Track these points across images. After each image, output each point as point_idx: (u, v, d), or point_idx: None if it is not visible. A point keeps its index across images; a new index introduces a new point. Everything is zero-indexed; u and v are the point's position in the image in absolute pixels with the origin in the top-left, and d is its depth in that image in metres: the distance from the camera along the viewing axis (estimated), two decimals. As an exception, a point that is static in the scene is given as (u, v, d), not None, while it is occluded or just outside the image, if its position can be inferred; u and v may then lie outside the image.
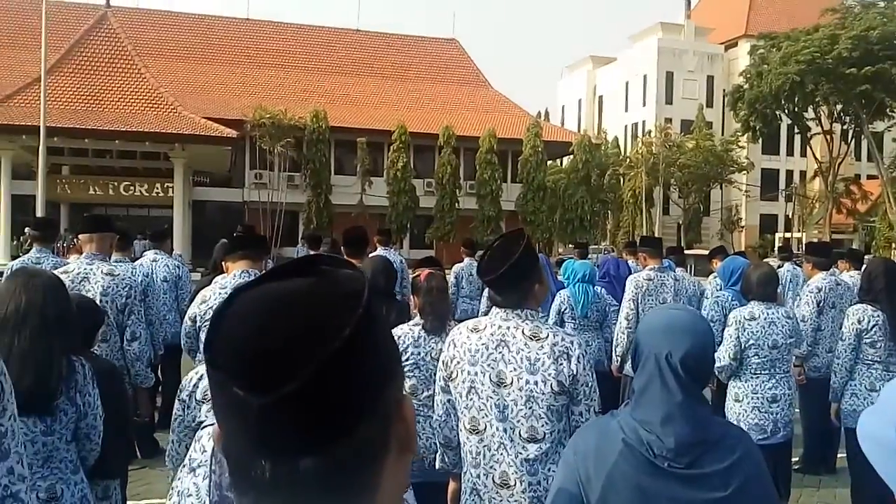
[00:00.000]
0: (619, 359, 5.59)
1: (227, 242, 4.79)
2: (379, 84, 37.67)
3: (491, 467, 2.43)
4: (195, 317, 4.07)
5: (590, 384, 2.38)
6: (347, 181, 32.65)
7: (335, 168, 33.16)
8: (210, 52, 36.61)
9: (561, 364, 2.34)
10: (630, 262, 7.96)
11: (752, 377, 4.23)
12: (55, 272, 2.98)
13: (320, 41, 39.54)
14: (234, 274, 4.16)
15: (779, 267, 8.36)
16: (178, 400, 2.51)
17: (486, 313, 6.73)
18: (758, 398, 4.20)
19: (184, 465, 1.55)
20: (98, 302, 3.82)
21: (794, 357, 5.04)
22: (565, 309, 5.70)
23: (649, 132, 44.70)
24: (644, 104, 52.79)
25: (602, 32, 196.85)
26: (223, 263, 4.48)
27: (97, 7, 29.18)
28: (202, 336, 4.15)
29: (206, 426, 1.59)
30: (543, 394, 2.35)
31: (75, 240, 6.65)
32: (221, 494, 1.31)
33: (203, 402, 2.48)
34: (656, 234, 31.68)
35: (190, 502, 1.44)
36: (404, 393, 0.75)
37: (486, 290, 7.67)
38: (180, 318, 6.77)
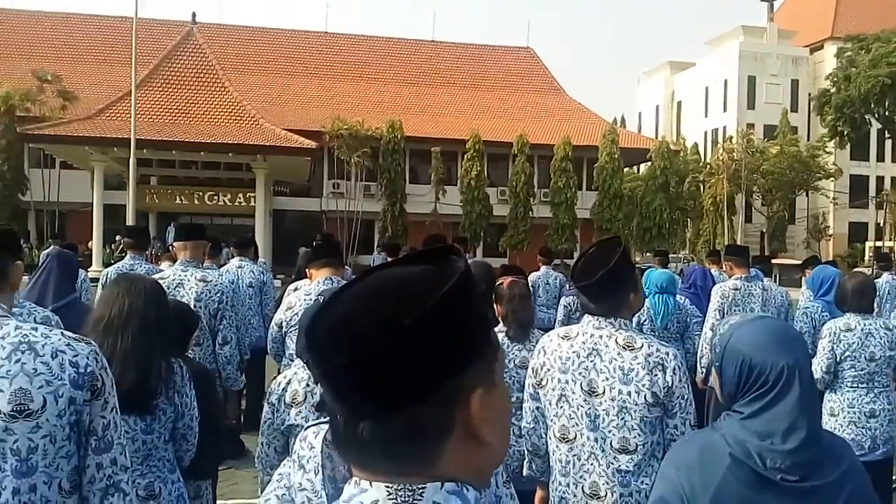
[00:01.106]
0: (703, 371, 5.43)
1: (311, 250, 4.89)
2: (453, 94, 37.90)
3: (581, 477, 2.39)
4: (281, 322, 4.17)
5: (686, 397, 2.32)
6: (422, 190, 32.94)
7: (410, 177, 33.50)
8: (290, 65, 37.61)
9: (655, 375, 2.29)
10: (713, 271, 7.74)
11: (848, 391, 4.05)
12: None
13: (396, 53, 40.09)
14: (318, 281, 4.24)
15: (876, 277, 7.96)
16: (268, 403, 2.58)
17: (563, 322, 6.66)
18: (854, 412, 4.02)
19: (292, 462, 1.59)
20: (192, 307, 3.96)
21: (893, 371, 4.80)
22: (644, 320, 5.56)
23: (730, 138, 43.45)
24: (725, 109, 51.40)
25: (680, 37, 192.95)
26: (307, 271, 4.58)
27: (184, 24, 30.37)
28: (288, 342, 4.24)
29: (310, 425, 1.63)
30: (637, 405, 2.30)
31: (171, 247, 6.90)
32: (336, 487, 1.35)
33: (292, 406, 2.54)
34: (738, 243, 30.73)
35: (304, 496, 1.49)
36: (489, 384, 0.77)
37: (563, 298, 7.59)
38: (264, 323, 6.96)
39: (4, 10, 36.72)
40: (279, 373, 7.90)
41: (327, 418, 1.77)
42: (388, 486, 0.74)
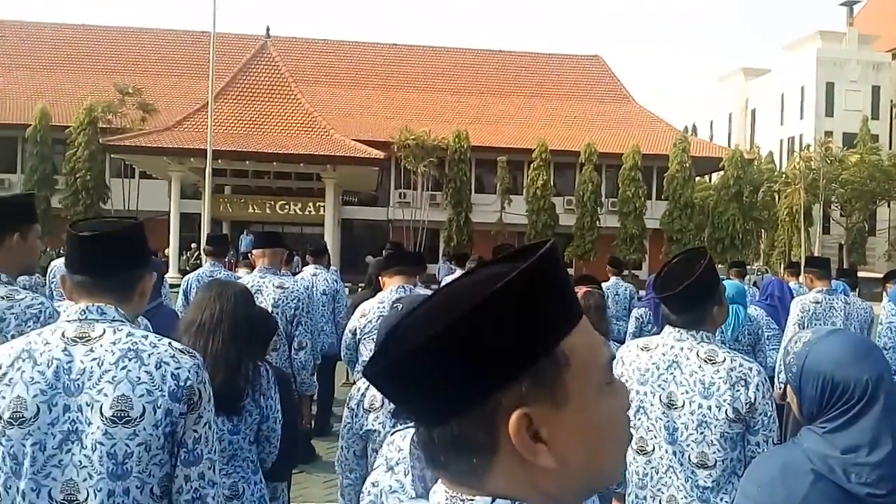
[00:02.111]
0: (781, 386, 5.27)
1: (383, 259, 4.97)
2: (520, 103, 37.86)
3: (658, 490, 2.37)
4: (355, 329, 4.25)
5: (769, 414, 2.27)
6: (487, 199, 32.97)
7: (476, 187, 33.58)
8: (360, 77, 38.24)
9: (738, 390, 2.25)
10: (792, 283, 7.51)
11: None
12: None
13: (464, 63, 40.30)
14: (391, 289, 4.31)
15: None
16: (347, 408, 2.64)
17: (634, 334, 6.57)
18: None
19: (381, 467, 1.64)
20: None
21: None
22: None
23: (808, 146, 42.03)
24: (801, 117, 49.77)
25: (754, 43, 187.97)
26: (379, 279, 4.66)
27: (258, 38, 31.25)
28: (361, 349, 4.32)
29: (397, 429, 1.67)
30: (717, 420, 2.26)
31: (250, 254, 7.09)
32: (425, 487, 1.39)
33: (370, 411, 2.60)
34: (816, 255, 29.67)
35: (395, 497, 1.53)
36: (552, 403, 0.72)
37: (635, 310, 7.48)
38: (336, 330, 7.10)
39: (89, 27, 38.48)
40: (347, 378, 8.00)
41: (407, 424, 1.82)
42: (447, 492, 0.75)
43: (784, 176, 39.99)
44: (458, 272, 9.75)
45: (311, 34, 50.13)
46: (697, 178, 35.89)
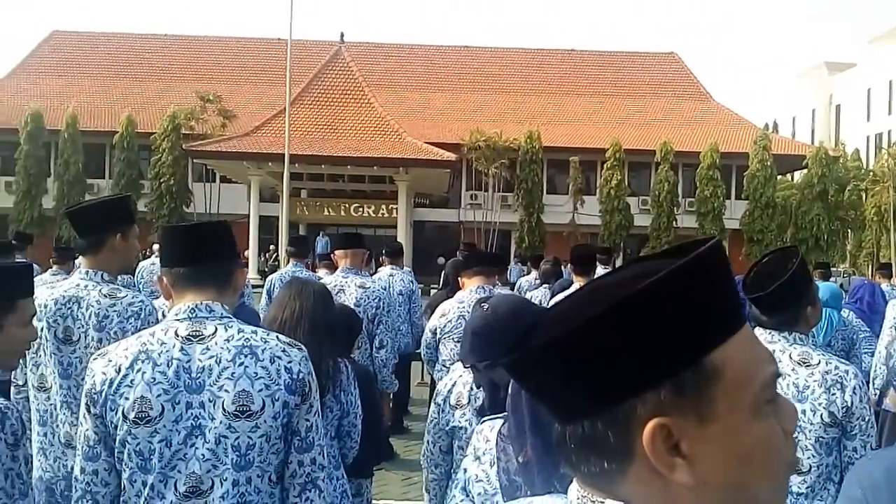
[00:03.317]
0: (877, 392, 5.04)
1: (462, 259, 5.00)
2: (593, 102, 37.40)
3: (751, 496, 2.31)
4: (435, 329, 4.30)
5: (867, 419, 2.19)
6: (559, 200, 32.69)
7: (547, 187, 33.34)
8: (432, 79, 38.51)
9: (833, 394, 2.18)
10: (883, 285, 7.19)
11: None
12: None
13: (535, 63, 40.08)
14: (471, 289, 4.34)
15: None
16: (434, 404, 2.68)
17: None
18: None
19: (469, 456, 1.67)
20: (351, 312, 4.16)
21: None
22: (806, 335, 5.22)
23: (896, 143, 40.12)
24: (889, 112, 47.54)
25: (837, 37, 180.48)
26: (459, 279, 4.70)
27: (333, 43, 31.87)
28: (441, 348, 4.37)
29: (486, 420, 1.70)
30: (811, 424, 2.19)
31: (332, 255, 7.23)
32: (510, 478, 1.40)
33: (456, 408, 2.62)
34: (907, 256, 28.29)
35: (480, 486, 1.56)
36: (698, 417, 0.66)
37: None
38: (411, 330, 7.19)
39: (172, 37, 39.99)
40: (422, 378, 8.06)
41: (494, 416, 1.83)
42: (579, 490, 0.72)
43: (871, 174, 38.23)
44: (534, 273, 9.72)
45: (384, 38, 50.84)
46: (779, 177, 34.69)
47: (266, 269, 23.75)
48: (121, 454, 1.73)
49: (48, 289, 2.70)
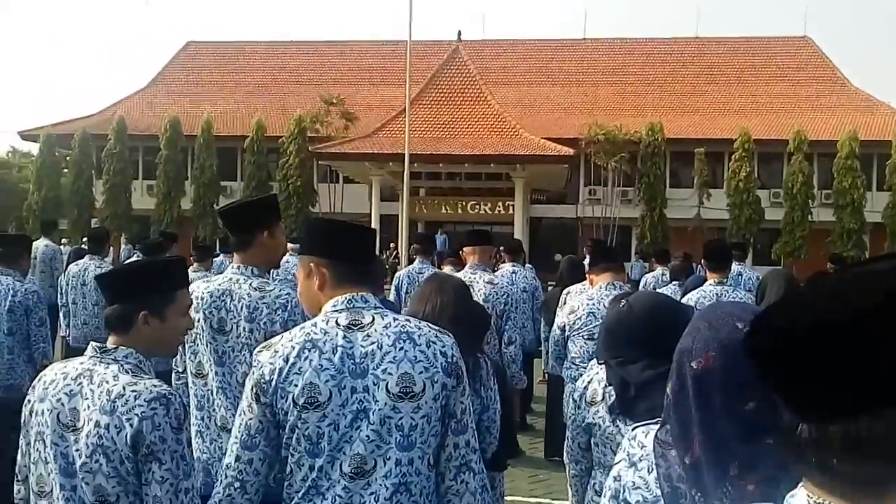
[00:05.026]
0: None
1: (590, 256, 4.92)
2: (719, 91, 35.90)
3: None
4: (564, 326, 4.26)
5: None
6: (683, 194, 31.59)
7: (671, 181, 32.31)
8: (548, 74, 38.17)
9: None
10: None
11: None
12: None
13: (657, 53, 38.91)
14: (601, 285, 4.27)
15: None
16: (571, 401, 2.67)
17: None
18: None
19: (623, 462, 1.63)
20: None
21: None
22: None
23: None
24: None
25: None
26: (588, 277, 4.63)
27: (450, 42, 32.20)
28: (570, 345, 4.32)
29: (637, 426, 1.65)
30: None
31: (461, 252, 7.33)
32: (672, 485, 1.36)
33: (591, 405, 2.60)
34: None
35: (639, 494, 1.52)
36: None
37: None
38: (534, 326, 7.16)
39: (297, 43, 41.66)
40: (543, 376, 8.00)
41: (649, 420, 1.78)
42: (809, 497, 0.66)
43: None
44: (659, 269, 9.45)
45: (501, 35, 50.80)
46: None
47: (387, 267, 24.32)
48: (289, 440, 1.81)
49: (204, 282, 2.88)
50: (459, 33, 31.57)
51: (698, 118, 33.67)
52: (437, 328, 1.96)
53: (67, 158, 34.22)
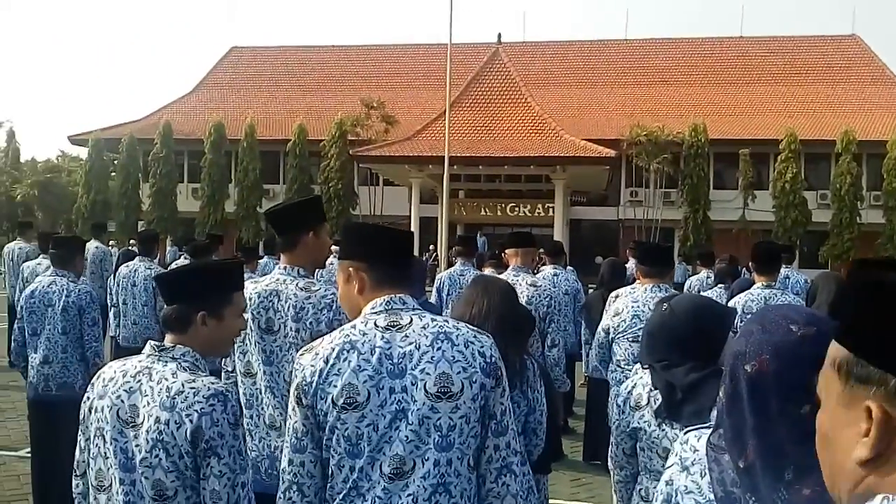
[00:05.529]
0: None
1: (637, 257, 4.88)
2: (765, 91, 35.22)
3: None
4: (608, 328, 4.23)
5: None
6: (727, 196, 31.08)
7: (714, 182, 31.82)
8: (590, 75, 37.89)
9: None
10: None
11: None
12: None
13: (701, 53, 38.34)
14: (646, 288, 4.23)
15: None
16: (616, 405, 2.64)
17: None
18: None
19: (674, 466, 1.62)
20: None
21: None
22: None
23: None
24: None
25: None
26: (636, 278, 4.59)
27: (490, 45, 32.19)
28: (615, 347, 4.28)
29: (690, 430, 1.64)
30: None
31: (503, 254, 7.33)
32: (726, 489, 1.34)
33: (636, 409, 2.57)
34: None
35: (691, 498, 1.50)
36: None
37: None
38: (575, 329, 7.12)
39: (338, 47, 42.02)
40: (585, 380, 7.94)
41: (703, 424, 1.76)
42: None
43: None
44: (704, 272, 9.30)
45: (541, 36, 50.68)
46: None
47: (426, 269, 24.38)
48: (329, 441, 1.83)
49: (252, 283, 2.93)
50: (499, 35, 31.64)
51: (743, 118, 33.09)
52: (475, 329, 1.95)
53: (115, 162, 35.05)
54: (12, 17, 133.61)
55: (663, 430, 2.38)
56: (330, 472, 1.84)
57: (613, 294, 4.74)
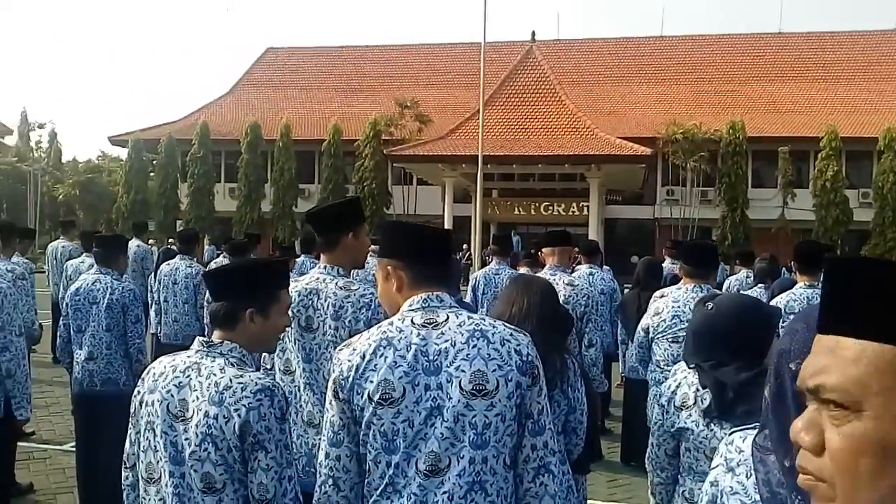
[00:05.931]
0: None
1: (680, 257, 4.81)
2: (804, 87, 34.56)
3: None
4: (648, 328, 4.19)
5: None
6: (766, 194, 30.58)
7: (753, 181, 31.30)
8: (625, 73, 37.54)
9: None
10: None
11: None
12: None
13: (738, 49, 37.73)
14: (687, 288, 4.18)
15: None
16: (658, 405, 2.61)
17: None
18: None
19: (720, 467, 1.60)
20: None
21: None
22: None
23: None
24: None
25: None
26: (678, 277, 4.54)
27: (524, 43, 32.05)
28: (654, 348, 4.24)
29: (735, 430, 1.61)
30: None
31: (540, 253, 7.29)
32: (772, 490, 1.32)
33: (681, 409, 2.54)
34: None
35: (737, 499, 1.49)
36: None
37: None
38: (611, 328, 7.06)
39: (372, 47, 42.23)
40: (622, 380, 7.89)
41: (746, 425, 1.74)
42: None
43: None
44: (743, 272, 9.13)
45: (576, 34, 50.34)
46: None
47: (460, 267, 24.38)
48: (366, 436, 1.84)
49: (293, 282, 2.95)
50: (533, 34, 31.39)
51: (782, 115, 32.51)
52: (512, 327, 1.95)
53: (154, 163, 35.66)
54: (56, 19, 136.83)
55: (712, 429, 2.35)
56: (367, 467, 1.86)
57: (658, 293, 4.69)
